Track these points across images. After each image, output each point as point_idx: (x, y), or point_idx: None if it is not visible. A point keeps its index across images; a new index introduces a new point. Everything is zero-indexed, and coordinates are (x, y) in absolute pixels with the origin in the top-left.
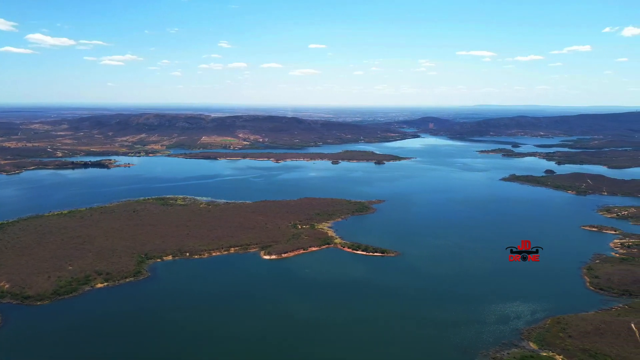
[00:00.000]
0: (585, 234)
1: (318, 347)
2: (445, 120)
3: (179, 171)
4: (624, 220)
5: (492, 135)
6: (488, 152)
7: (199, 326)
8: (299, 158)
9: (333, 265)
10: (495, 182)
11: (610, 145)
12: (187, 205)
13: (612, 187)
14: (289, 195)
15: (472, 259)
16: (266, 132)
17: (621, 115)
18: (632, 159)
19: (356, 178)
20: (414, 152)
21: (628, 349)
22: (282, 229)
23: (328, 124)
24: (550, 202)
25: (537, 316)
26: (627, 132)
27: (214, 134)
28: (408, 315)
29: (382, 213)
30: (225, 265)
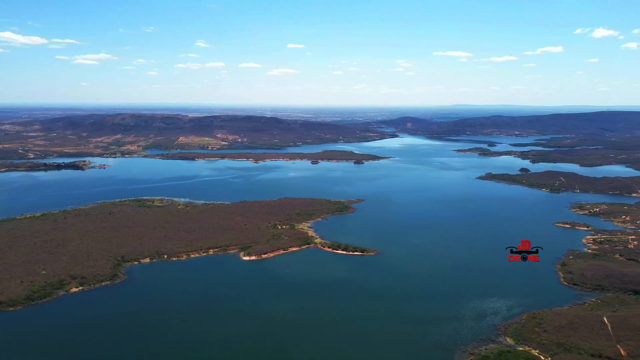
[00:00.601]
0: (559, 231)
1: (299, 348)
2: (423, 120)
3: (156, 172)
4: (595, 217)
5: (469, 134)
6: (465, 151)
7: (179, 329)
8: (278, 158)
9: (313, 265)
10: (472, 181)
11: (582, 144)
12: (165, 207)
13: (584, 184)
14: (268, 196)
15: (450, 256)
16: (245, 132)
17: (592, 115)
18: (603, 157)
19: (336, 178)
20: (392, 151)
21: (601, 342)
22: (262, 230)
23: (307, 124)
24: (525, 200)
25: (514, 312)
26: (598, 131)
27: (192, 134)
28: (388, 314)
29: (361, 212)
30: (205, 267)
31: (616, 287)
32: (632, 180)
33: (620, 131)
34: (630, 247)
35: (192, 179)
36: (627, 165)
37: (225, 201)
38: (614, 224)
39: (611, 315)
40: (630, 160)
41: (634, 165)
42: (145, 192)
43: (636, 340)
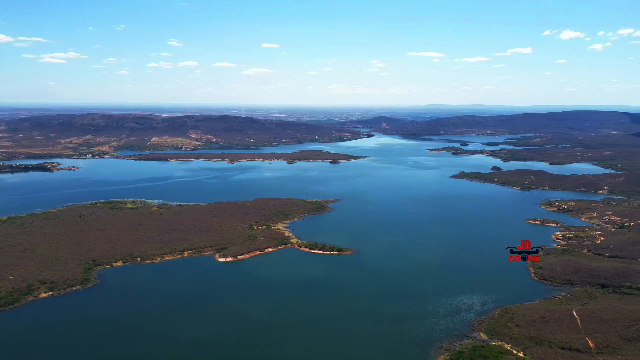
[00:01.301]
0: (530, 227)
1: (276, 348)
2: (398, 120)
3: (129, 173)
4: (564, 214)
5: (442, 134)
6: (438, 151)
7: (153, 333)
8: (253, 158)
9: (290, 265)
10: (445, 179)
11: (550, 142)
12: (138, 209)
13: (553, 182)
14: (244, 196)
15: (425, 254)
16: (219, 132)
17: (560, 114)
18: (571, 156)
19: (312, 177)
20: (368, 151)
21: (570, 335)
22: (238, 231)
23: (283, 124)
24: (497, 198)
25: (487, 307)
26: (565, 130)
27: (165, 134)
28: (365, 313)
29: (338, 212)
30: (179, 270)
31: (584, 281)
32: (598, 177)
33: (587, 130)
34: (597, 243)
35: (166, 180)
36: (594, 163)
37: (200, 202)
38: (581, 220)
39: (580, 309)
40: (596, 158)
41: (600, 163)
42: (117, 194)
43: (604, 332)
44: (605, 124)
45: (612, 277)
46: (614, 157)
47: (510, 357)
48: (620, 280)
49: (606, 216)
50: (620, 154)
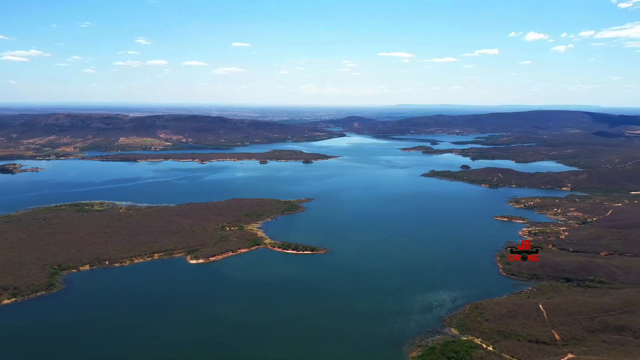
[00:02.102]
0: (498, 224)
1: (250, 349)
2: (369, 120)
3: (95, 175)
4: (530, 210)
5: (413, 133)
6: (409, 150)
7: (125, 337)
8: (225, 158)
9: (263, 266)
10: (416, 178)
11: (517, 141)
12: (105, 211)
13: (519, 179)
14: (215, 197)
15: (397, 252)
16: (190, 132)
17: (526, 114)
18: (536, 154)
19: (285, 177)
20: (340, 150)
21: (537, 328)
22: (209, 232)
23: (255, 124)
24: (467, 195)
25: (458, 303)
26: (531, 129)
27: (133, 134)
28: (338, 311)
29: (311, 211)
30: (150, 272)
31: (550, 275)
32: (562, 175)
33: (551, 129)
34: (561, 238)
35: (135, 181)
36: (558, 161)
37: (170, 203)
38: (546, 216)
39: (546, 302)
40: (560, 156)
41: (563, 160)
42: (84, 196)
43: (568, 325)
44: (568, 123)
45: (575, 271)
46: (576, 155)
47: (480, 351)
48: (584, 274)
49: (570, 212)
50: (582, 152)
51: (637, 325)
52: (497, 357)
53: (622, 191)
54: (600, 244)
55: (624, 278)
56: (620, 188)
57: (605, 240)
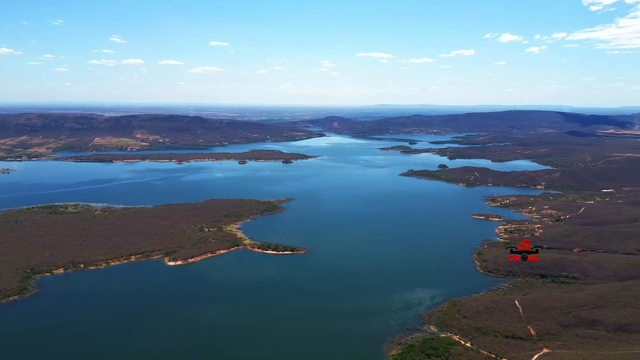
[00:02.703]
0: (475, 222)
1: (229, 351)
2: (349, 120)
3: (69, 176)
4: (506, 208)
5: (392, 133)
6: (388, 150)
7: (100, 341)
8: (203, 158)
9: (243, 267)
10: (395, 177)
11: (493, 140)
12: (80, 213)
13: (495, 178)
14: (193, 198)
15: (377, 251)
16: (167, 132)
17: (501, 114)
18: (512, 153)
19: (264, 177)
20: (320, 150)
21: (513, 323)
22: (188, 233)
23: (233, 123)
24: (444, 194)
25: (436, 300)
26: (506, 129)
27: (109, 134)
28: (318, 311)
29: (291, 211)
30: (126, 275)
31: (525, 272)
32: (536, 173)
33: (526, 129)
34: (536, 235)
35: (110, 182)
36: (532, 160)
37: (147, 205)
38: (522, 214)
39: (522, 299)
40: (534, 155)
41: (537, 159)
42: (57, 198)
43: (543, 320)
44: (542, 123)
45: (550, 267)
46: (550, 154)
47: (458, 347)
48: (558, 270)
49: (544, 210)
50: (555, 151)
51: (609, 320)
52: (474, 353)
53: (594, 189)
54: (573, 240)
55: (596, 274)
56: (592, 186)
57: (578, 237)
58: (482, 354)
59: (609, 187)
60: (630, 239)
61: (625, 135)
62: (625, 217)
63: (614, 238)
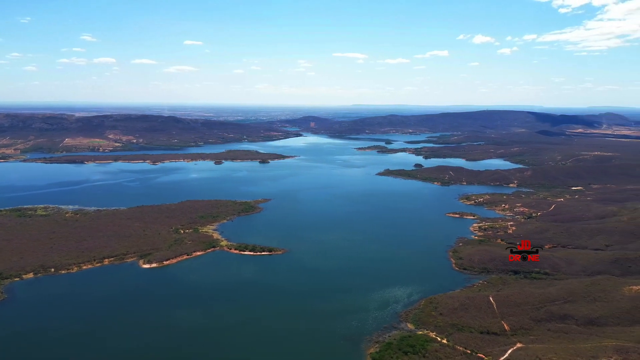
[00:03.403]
0: (450, 220)
1: (207, 354)
2: (326, 120)
3: (38, 178)
4: (480, 206)
5: (368, 133)
6: (365, 149)
7: (73, 346)
8: (178, 159)
9: (220, 268)
10: (372, 177)
11: (467, 140)
12: (50, 216)
13: (469, 177)
14: (168, 199)
15: (355, 251)
16: (140, 132)
17: (474, 114)
18: (485, 152)
19: (241, 178)
20: (297, 150)
21: (488, 319)
22: (163, 235)
23: (209, 123)
24: (420, 193)
25: (413, 298)
26: (480, 129)
27: (80, 135)
28: (296, 311)
29: (268, 212)
30: (99, 279)
31: (499, 269)
32: (509, 172)
33: (498, 128)
34: (509, 232)
35: (82, 184)
36: (505, 159)
37: (120, 207)
38: (495, 212)
39: (496, 295)
40: (507, 154)
41: (510, 158)
42: (26, 201)
43: (517, 315)
44: (513, 122)
45: (522, 264)
46: (522, 153)
47: (435, 344)
48: (530, 267)
49: (516, 208)
50: (527, 150)
51: (579, 314)
52: (450, 349)
53: (564, 187)
54: (544, 237)
55: (566, 269)
56: (562, 184)
57: (549, 234)
58: (458, 350)
59: (578, 184)
60: (599, 235)
61: (593, 134)
62: (593, 213)
63: (583, 234)
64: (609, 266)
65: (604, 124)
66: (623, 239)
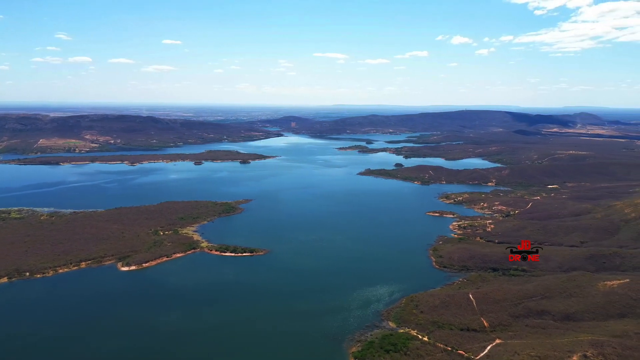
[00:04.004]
0: (430, 219)
1: (187, 357)
2: (307, 120)
3: (12, 180)
4: (459, 205)
5: (349, 133)
6: (346, 149)
7: (49, 351)
8: (157, 160)
9: (200, 270)
10: (353, 177)
11: (446, 140)
12: (24, 218)
13: (449, 176)
14: (147, 200)
15: (336, 250)
16: (118, 132)
17: (453, 114)
18: (464, 151)
19: (221, 178)
20: (278, 150)
21: (468, 316)
22: (142, 237)
23: (188, 123)
24: (400, 192)
25: (395, 297)
26: (458, 128)
27: (55, 135)
28: (278, 312)
29: (249, 212)
30: (76, 282)
31: (478, 266)
32: (487, 171)
33: (477, 128)
34: (488, 230)
35: (57, 186)
36: (483, 158)
37: (97, 209)
38: (474, 210)
39: (475, 292)
40: (485, 153)
41: (488, 157)
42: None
43: (496, 312)
44: (491, 122)
45: (501, 261)
46: (499, 152)
47: (416, 342)
48: (508, 264)
49: (495, 206)
50: (505, 149)
51: (556, 309)
52: (431, 347)
53: (540, 185)
54: (522, 234)
55: (543, 266)
56: (539, 182)
57: (526, 231)
58: (438, 347)
59: (554, 183)
60: (574, 232)
61: (568, 133)
62: (568, 211)
63: (559, 231)
64: (584, 262)
65: (578, 124)
66: (597, 235)
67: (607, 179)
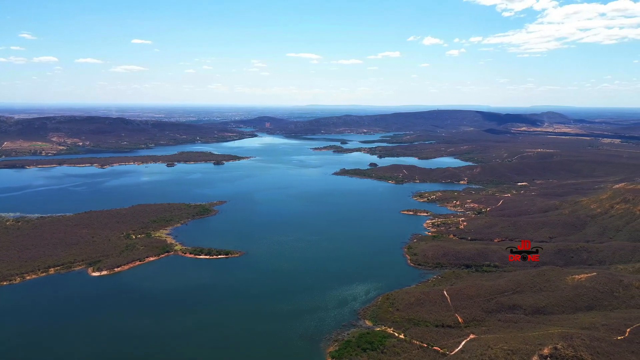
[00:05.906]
0: (404, 218)
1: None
2: (281, 120)
3: None
4: (432, 203)
5: (323, 133)
6: (320, 149)
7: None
8: (128, 162)
9: (174, 273)
10: (328, 177)
11: (419, 139)
12: None
13: (422, 175)
14: (118, 204)
15: (312, 250)
16: (87, 134)
17: (426, 114)
18: (436, 151)
19: (195, 180)
20: (252, 151)
21: (442, 313)
22: (113, 241)
23: (160, 124)
24: (375, 192)
25: (371, 295)
26: (431, 128)
27: (20, 138)
28: (254, 314)
29: (224, 214)
30: (45, 289)
31: (452, 263)
32: (459, 169)
33: (448, 127)
34: (460, 228)
35: (23, 190)
36: (455, 157)
37: (66, 213)
38: (447, 208)
39: (449, 289)
40: (457, 152)
41: (460, 156)
42: None
43: (469, 308)
44: (462, 121)
45: (474, 257)
46: (471, 151)
47: (392, 340)
48: (481, 260)
49: (467, 204)
50: (476, 148)
51: (527, 304)
52: (408, 344)
53: (510, 182)
54: (493, 231)
55: (514, 262)
56: (509, 180)
57: (497, 228)
58: (414, 344)
59: (523, 180)
60: (543, 227)
61: (536, 132)
62: (537, 207)
63: (529, 227)
64: (552, 257)
65: (545, 122)
66: (565, 230)
67: (574, 176)
